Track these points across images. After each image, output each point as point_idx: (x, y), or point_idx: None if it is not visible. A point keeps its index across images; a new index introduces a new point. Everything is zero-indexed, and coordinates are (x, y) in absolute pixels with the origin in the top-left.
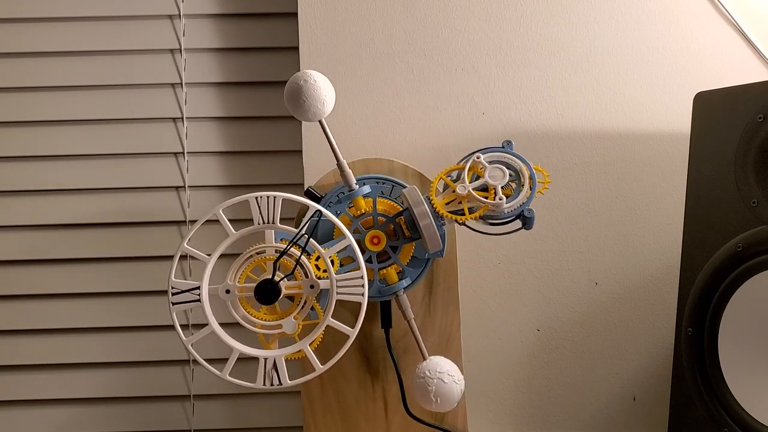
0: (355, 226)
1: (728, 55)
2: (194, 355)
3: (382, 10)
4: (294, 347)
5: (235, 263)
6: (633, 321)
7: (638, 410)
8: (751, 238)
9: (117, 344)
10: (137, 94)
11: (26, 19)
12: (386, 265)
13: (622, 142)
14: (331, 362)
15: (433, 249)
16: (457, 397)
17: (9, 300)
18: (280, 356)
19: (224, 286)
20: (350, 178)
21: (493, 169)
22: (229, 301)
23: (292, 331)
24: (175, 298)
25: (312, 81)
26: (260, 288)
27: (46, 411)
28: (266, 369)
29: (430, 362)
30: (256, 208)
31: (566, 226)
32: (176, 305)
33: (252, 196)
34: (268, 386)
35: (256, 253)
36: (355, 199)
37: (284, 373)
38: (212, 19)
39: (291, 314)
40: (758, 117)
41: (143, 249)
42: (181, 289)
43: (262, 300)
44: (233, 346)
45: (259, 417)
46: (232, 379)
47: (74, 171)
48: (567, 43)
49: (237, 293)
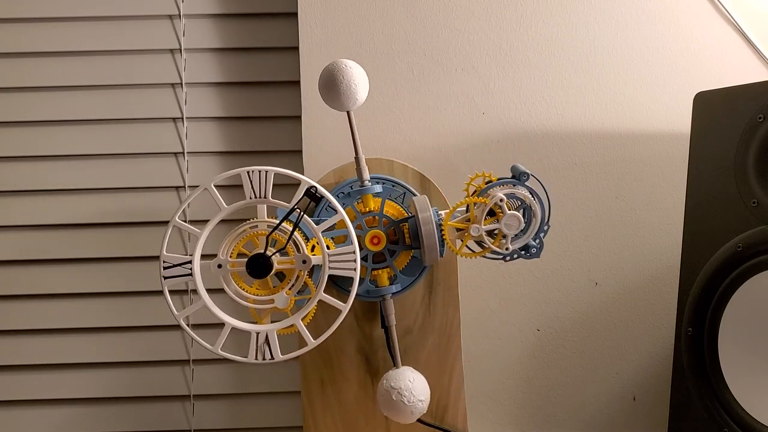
0: (359, 222)
1: (728, 55)
2: (186, 330)
3: (382, 10)
4: (286, 322)
5: (228, 238)
6: (633, 321)
7: (638, 410)
8: (751, 238)
9: (117, 344)
10: (137, 94)
11: (26, 19)
12: (380, 267)
13: (622, 142)
14: (323, 337)
15: (430, 262)
16: (406, 416)
17: (9, 300)
18: (272, 330)
19: (216, 260)
20: (365, 173)
21: (510, 217)
22: (221, 276)
23: (284, 306)
24: (166, 272)
25: (349, 69)
26: (252, 262)
27: (46, 411)
28: (258, 343)
29: (395, 373)
30: (248, 182)
31: (566, 226)
32: (168, 279)
33: (243, 170)
34: (260, 360)
35: (248, 228)
36: (364, 196)
37: (276, 347)
38: (212, 19)
39: (283, 289)
40: (758, 117)
41: (143, 249)
42: (173, 263)
43: (253, 274)
44: (225, 320)
45: (259, 417)
46: (223, 353)
47: (74, 171)
48: (567, 43)
49: (229, 268)
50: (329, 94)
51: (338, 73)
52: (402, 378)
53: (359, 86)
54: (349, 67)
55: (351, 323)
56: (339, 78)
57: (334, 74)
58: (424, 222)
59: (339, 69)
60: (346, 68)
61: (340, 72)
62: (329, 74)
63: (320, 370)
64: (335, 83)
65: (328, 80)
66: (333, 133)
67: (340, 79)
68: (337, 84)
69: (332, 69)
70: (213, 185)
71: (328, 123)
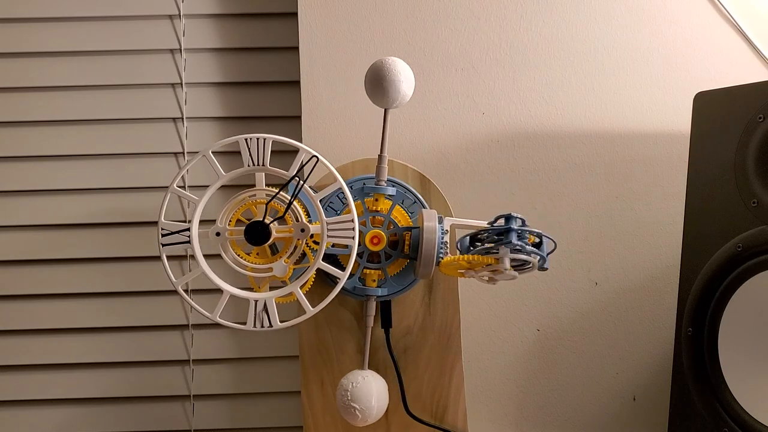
0: (365, 219)
1: (728, 55)
2: (184, 297)
3: (382, 10)
4: (285, 290)
5: (226, 206)
6: (633, 321)
7: (638, 410)
8: (751, 238)
9: (117, 344)
10: (137, 94)
11: (26, 19)
12: (372, 267)
13: (622, 142)
14: (321, 305)
15: (422, 276)
16: (347, 417)
17: (9, 300)
18: (270, 298)
19: (214, 228)
20: (384, 174)
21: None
22: (219, 244)
23: (282, 274)
24: (165, 239)
25: (397, 68)
26: (251, 229)
27: (46, 411)
28: (257, 311)
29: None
30: (246, 149)
31: (566, 226)
32: (166, 246)
33: (242, 137)
34: (258, 328)
35: (247, 196)
36: (378, 194)
37: (275, 315)
38: (212, 19)
39: (281, 258)
40: (758, 117)
41: (143, 249)
42: (171, 231)
43: (252, 241)
44: (223, 288)
45: (259, 417)
46: (222, 321)
47: (74, 171)
48: (567, 43)
49: (227, 236)
50: (373, 95)
51: (380, 75)
52: (350, 378)
53: (403, 84)
54: (393, 68)
55: (351, 323)
56: (381, 80)
57: (377, 76)
58: (428, 235)
59: (382, 71)
60: (390, 69)
61: (383, 74)
62: (372, 74)
63: (320, 370)
64: (379, 85)
65: (371, 80)
66: (333, 134)
67: (387, 76)
68: (383, 80)
69: (374, 69)
70: (211, 152)
71: (328, 123)
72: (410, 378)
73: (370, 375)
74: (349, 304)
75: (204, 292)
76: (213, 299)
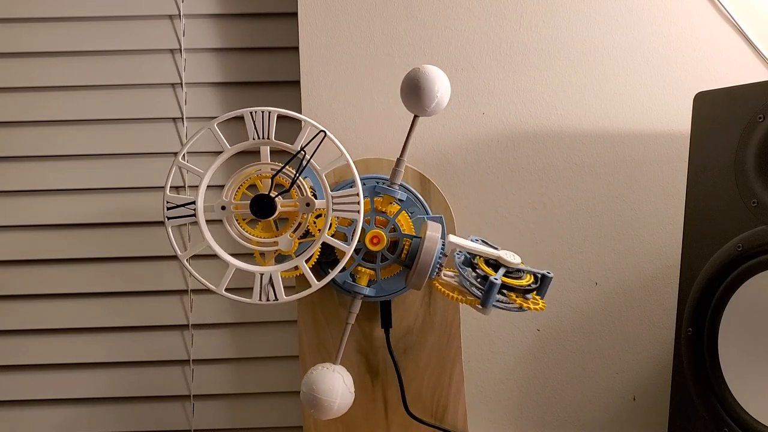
0: (370, 217)
1: (728, 55)
2: (189, 270)
3: (382, 11)
4: (290, 263)
5: (231, 180)
6: (633, 321)
7: (638, 410)
8: (751, 238)
9: (117, 344)
10: (137, 94)
11: (26, 19)
12: (366, 266)
13: (622, 142)
14: (327, 279)
15: (412, 285)
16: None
17: (9, 300)
18: (276, 272)
19: (220, 202)
20: (400, 177)
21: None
22: (224, 218)
23: (287, 248)
24: (170, 213)
25: (431, 76)
26: (256, 201)
27: (46, 411)
28: (262, 284)
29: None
30: (251, 123)
31: (566, 226)
32: (171, 219)
33: (246, 110)
34: (264, 301)
35: (252, 170)
36: (387, 196)
37: (280, 288)
38: (212, 19)
39: (287, 232)
40: (758, 117)
41: (143, 249)
42: (176, 204)
43: (258, 214)
44: (229, 261)
45: (259, 417)
46: (227, 295)
47: (74, 171)
48: (567, 43)
49: (233, 210)
50: (409, 101)
51: (415, 83)
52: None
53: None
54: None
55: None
56: (416, 87)
57: (413, 83)
58: (428, 244)
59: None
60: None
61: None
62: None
63: None
64: (415, 93)
65: (407, 87)
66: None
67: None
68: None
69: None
70: (216, 125)
71: (327, 123)
72: (410, 378)
73: (339, 369)
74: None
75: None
76: (213, 300)
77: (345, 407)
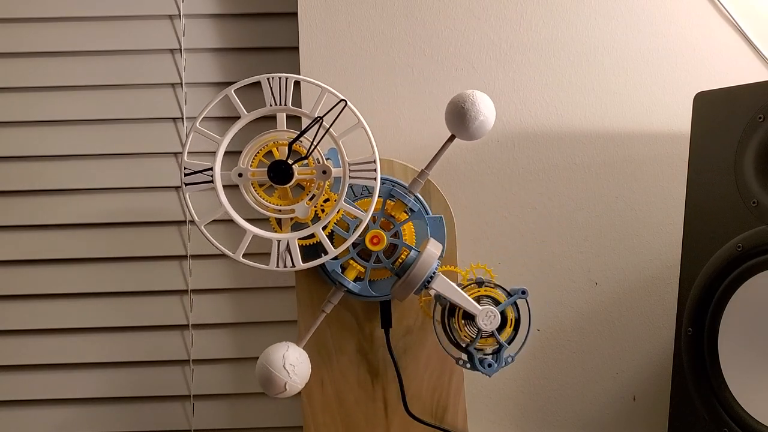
0: (378, 217)
1: (728, 55)
2: (206, 236)
3: (382, 10)
4: (307, 231)
5: (248, 147)
6: (633, 321)
7: (638, 410)
8: (751, 238)
9: (117, 344)
10: (137, 94)
11: (26, 19)
12: (359, 263)
13: (622, 142)
14: (344, 245)
15: (395, 295)
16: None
17: (9, 300)
18: (293, 238)
19: (237, 169)
20: (418, 188)
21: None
22: (241, 185)
23: (304, 215)
24: (187, 179)
25: (479, 104)
26: (274, 167)
27: (46, 411)
28: (279, 251)
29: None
30: (268, 89)
31: (566, 226)
32: (189, 186)
33: (264, 76)
34: (281, 268)
35: (269, 137)
36: (400, 202)
37: (297, 255)
38: (212, 19)
39: (303, 200)
40: (758, 117)
41: (143, 249)
42: (194, 170)
43: (275, 179)
44: (246, 228)
45: (259, 417)
46: (244, 261)
47: (74, 171)
48: (567, 43)
49: (249, 177)
50: (452, 118)
51: (462, 109)
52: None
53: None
54: (475, 103)
55: (351, 323)
56: (463, 114)
57: (460, 110)
58: (426, 258)
59: (464, 106)
60: (473, 103)
61: (465, 108)
62: (454, 107)
63: (320, 370)
64: (462, 120)
65: (453, 112)
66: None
67: (468, 111)
68: (465, 121)
69: (456, 104)
70: (233, 91)
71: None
72: (410, 378)
73: (292, 348)
74: (350, 305)
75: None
76: (213, 300)
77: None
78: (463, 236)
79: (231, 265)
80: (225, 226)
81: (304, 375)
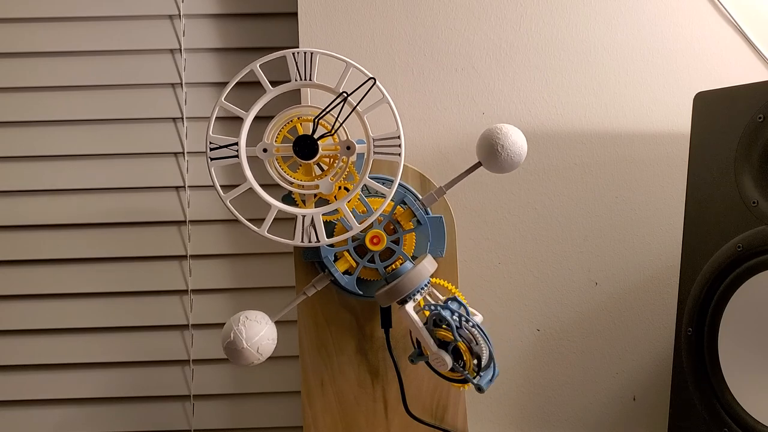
0: (384, 218)
1: (728, 55)
2: (232, 210)
3: (382, 11)
4: (331, 206)
5: (273, 122)
6: (633, 321)
7: (638, 410)
8: (751, 238)
9: (117, 344)
10: (137, 94)
11: (26, 19)
12: (353, 257)
13: (622, 142)
14: (366, 222)
15: (379, 300)
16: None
17: (9, 300)
18: (318, 214)
19: (262, 144)
20: (432, 202)
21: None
22: (266, 160)
23: (328, 191)
24: (213, 153)
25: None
26: (299, 142)
27: (46, 411)
28: (304, 226)
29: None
30: (293, 63)
31: (566, 226)
32: (214, 161)
33: (289, 51)
34: (306, 243)
35: (294, 113)
36: (410, 210)
37: (322, 231)
38: (212, 19)
39: (327, 176)
40: (758, 117)
41: (143, 249)
42: (219, 145)
43: (300, 154)
44: (271, 203)
45: (259, 417)
46: (269, 236)
47: (74, 171)
48: (567, 43)
49: (274, 152)
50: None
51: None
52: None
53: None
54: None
55: (351, 323)
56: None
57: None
58: (420, 270)
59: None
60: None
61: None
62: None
63: (320, 370)
64: (494, 156)
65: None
66: None
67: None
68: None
69: (488, 139)
70: (258, 66)
71: None
72: (410, 378)
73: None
74: (350, 305)
75: (204, 292)
76: (213, 300)
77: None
78: (463, 236)
79: (231, 265)
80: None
81: (258, 334)
